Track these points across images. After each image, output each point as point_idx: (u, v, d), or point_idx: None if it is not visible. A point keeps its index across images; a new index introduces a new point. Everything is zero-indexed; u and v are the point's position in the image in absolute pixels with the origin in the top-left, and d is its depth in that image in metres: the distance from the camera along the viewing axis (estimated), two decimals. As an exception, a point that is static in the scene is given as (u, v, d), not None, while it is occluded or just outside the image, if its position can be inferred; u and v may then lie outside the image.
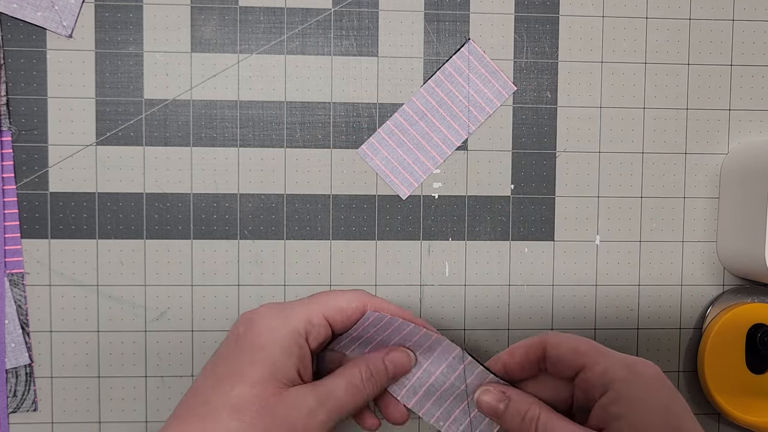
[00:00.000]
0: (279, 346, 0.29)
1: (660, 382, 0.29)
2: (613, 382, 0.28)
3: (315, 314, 0.31)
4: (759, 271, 0.40)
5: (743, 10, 0.44)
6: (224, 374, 0.29)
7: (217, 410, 0.28)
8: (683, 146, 0.44)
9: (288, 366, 0.29)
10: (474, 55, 0.43)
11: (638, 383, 0.28)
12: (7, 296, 0.41)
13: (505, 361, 0.33)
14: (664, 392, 0.29)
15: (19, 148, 0.41)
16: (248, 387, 0.28)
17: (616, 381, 0.28)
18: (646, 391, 0.28)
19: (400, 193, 0.43)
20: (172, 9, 0.41)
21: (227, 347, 0.30)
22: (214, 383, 0.29)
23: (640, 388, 0.28)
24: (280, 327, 0.30)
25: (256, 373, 0.28)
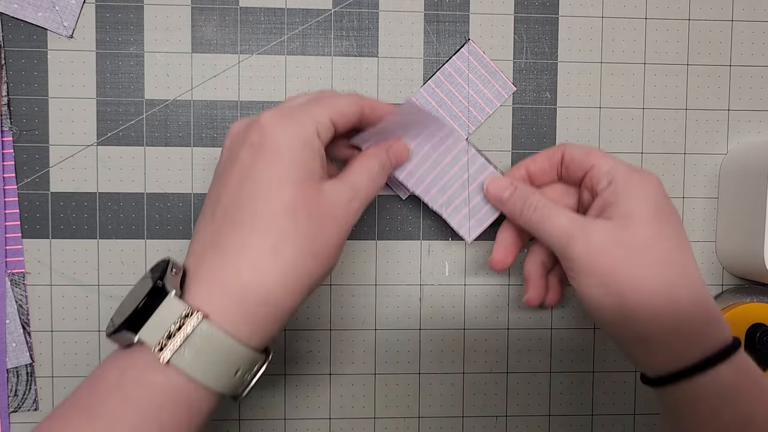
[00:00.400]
0: (305, 148, 0.30)
1: (658, 186, 0.33)
2: (616, 177, 0.33)
3: (322, 117, 0.31)
4: (758, 271, 0.40)
5: (742, 10, 0.44)
6: (263, 182, 0.29)
7: (268, 216, 0.28)
8: (682, 146, 0.44)
9: (317, 165, 0.30)
10: (474, 55, 0.43)
11: (638, 180, 0.33)
12: (8, 296, 0.41)
13: (528, 166, 0.38)
14: (658, 194, 0.33)
15: (20, 149, 0.41)
16: (294, 189, 0.29)
17: (618, 175, 0.33)
18: (643, 186, 0.33)
19: (400, 193, 0.43)
20: (172, 9, 0.41)
21: (250, 157, 0.29)
22: (252, 192, 0.29)
23: (639, 183, 0.33)
24: (298, 131, 0.30)
25: (296, 174, 0.29)
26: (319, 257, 0.29)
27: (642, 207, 0.32)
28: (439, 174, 0.39)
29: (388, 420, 0.43)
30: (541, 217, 0.34)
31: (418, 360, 0.43)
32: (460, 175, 0.39)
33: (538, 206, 0.34)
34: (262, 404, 0.43)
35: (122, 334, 0.27)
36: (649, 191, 0.32)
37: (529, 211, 0.35)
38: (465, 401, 0.44)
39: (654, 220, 0.32)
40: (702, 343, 0.31)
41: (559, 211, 0.34)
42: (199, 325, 0.27)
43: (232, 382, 0.28)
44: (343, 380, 0.43)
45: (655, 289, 0.31)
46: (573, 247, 0.32)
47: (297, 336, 0.43)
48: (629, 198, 0.32)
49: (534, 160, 0.38)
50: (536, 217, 0.34)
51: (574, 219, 0.33)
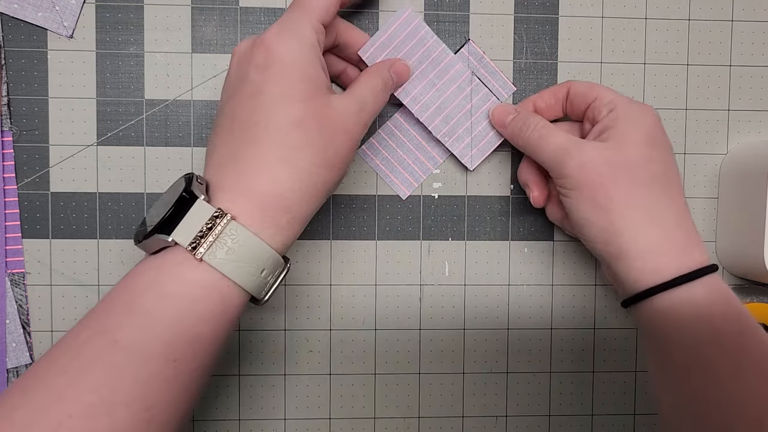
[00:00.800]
0: (309, 62, 0.31)
1: (654, 117, 0.35)
2: (617, 106, 0.35)
3: (315, 23, 0.32)
4: (758, 271, 0.40)
5: (742, 10, 0.44)
6: (274, 97, 0.31)
7: (281, 130, 0.30)
8: (682, 146, 0.44)
9: (323, 77, 0.32)
10: (474, 55, 0.43)
11: (636, 109, 0.35)
12: (8, 296, 0.41)
13: (534, 101, 0.40)
14: (654, 123, 0.35)
15: (20, 149, 0.41)
16: (303, 103, 0.31)
17: (619, 105, 0.35)
18: (640, 115, 0.35)
19: (400, 193, 0.43)
20: (172, 9, 0.41)
21: (259, 76, 0.31)
22: (265, 108, 0.31)
23: (637, 111, 0.35)
24: (299, 46, 0.31)
25: (305, 89, 0.31)
26: (331, 167, 0.32)
27: (636, 132, 0.34)
28: (444, 102, 0.41)
29: (388, 420, 0.43)
30: (539, 136, 0.36)
31: (418, 360, 0.43)
32: (463, 105, 0.41)
33: (536, 127, 0.37)
34: (262, 404, 0.43)
35: (155, 238, 0.30)
36: (646, 120, 0.35)
37: (528, 131, 0.37)
38: (465, 401, 0.44)
39: (645, 144, 0.34)
40: (680, 262, 0.33)
41: (557, 131, 0.36)
42: (228, 225, 0.29)
43: (258, 282, 0.31)
44: (343, 380, 0.43)
45: (639, 207, 0.33)
46: (567, 162, 0.34)
47: (297, 336, 0.43)
48: (626, 123, 0.34)
49: (541, 96, 0.40)
50: (534, 136, 0.36)
51: (570, 138, 0.35)
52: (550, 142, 0.36)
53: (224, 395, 0.43)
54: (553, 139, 0.36)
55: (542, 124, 0.37)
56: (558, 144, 0.35)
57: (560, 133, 0.36)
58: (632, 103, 0.36)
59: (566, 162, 0.34)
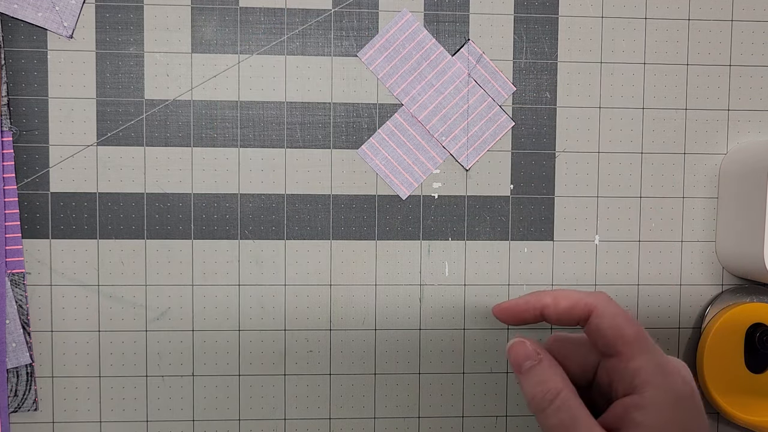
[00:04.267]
0: None
1: (689, 400, 0.27)
2: (644, 386, 0.27)
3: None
4: (758, 271, 0.40)
5: (742, 10, 0.44)
6: None
7: None
8: (682, 146, 0.44)
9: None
10: (473, 55, 0.43)
11: (668, 396, 0.27)
12: (8, 296, 0.41)
13: (546, 305, 0.31)
14: (689, 410, 0.27)
15: (20, 149, 0.41)
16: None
17: (647, 386, 0.27)
18: (673, 405, 0.27)
19: (400, 193, 0.43)
20: (172, 9, 0.41)
21: None
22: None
23: (669, 401, 0.27)
24: None
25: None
26: None
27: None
28: (441, 103, 0.42)
29: (388, 420, 0.43)
30: (560, 423, 0.28)
31: (418, 360, 0.43)
32: (460, 105, 0.42)
33: (561, 407, 0.28)
34: (262, 404, 0.43)
35: None
36: (681, 414, 0.27)
37: (545, 404, 0.28)
38: (465, 401, 0.44)
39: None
40: None
41: (581, 423, 0.27)
42: None
43: None
44: (343, 380, 0.43)
45: None
46: None
47: (297, 336, 0.43)
48: (654, 423, 0.26)
49: (556, 303, 0.30)
50: (555, 420, 0.28)
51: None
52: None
53: (224, 395, 0.43)
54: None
55: (563, 397, 0.28)
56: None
57: (582, 418, 0.27)
58: (664, 389, 0.27)
59: None
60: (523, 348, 0.31)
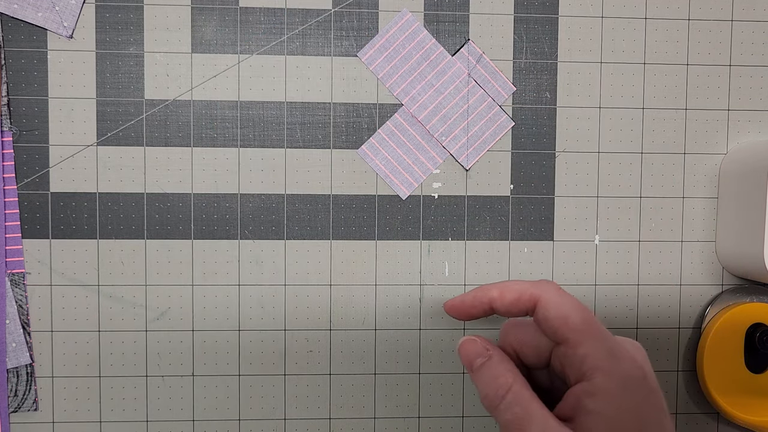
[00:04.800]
0: None
1: (640, 382, 0.27)
2: (593, 373, 0.26)
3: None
4: (758, 271, 0.40)
5: (742, 10, 0.44)
6: None
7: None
8: (682, 146, 0.44)
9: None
10: (473, 55, 0.43)
11: (617, 380, 0.26)
12: (8, 296, 0.41)
13: (493, 298, 0.30)
14: (641, 393, 0.27)
15: (20, 149, 0.41)
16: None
17: (595, 372, 0.26)
18: (623, 390, 0.26)
19: (400, 193, 0.43)
20: (172, 9, 0.41)
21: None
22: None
23: (618, 386, 0.26)
24: None
25: None
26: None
27: (620, 419, 0.26)
28: (441, 103, 0.42)
29: (388, 420, 0.43)
30: (514, 417, 0.27)
31: (418, 360, 0.43)
32: (460, 105, 0.42)
33: (513, 401, 0.27)
34: (262, 404, 0.43)
35: None
36: (632, 395, 0.26)
37: (497, 400, 0.28)
38: (465, 401, 0.44)
39: (632, 429, 0.26)
40: None
41: (534, 416, 0.27)
42: None
43: None
44: (343, 380, 0.43)
45: None
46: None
47: (297, 336, 0.43)
48: (606, 409, 0.26)
49: (502, 295, 0.30)
50: (508, 416, 0.27)
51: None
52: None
53: (224, 395, 0.43)
54: (530, 431, 0.27)
55: (514, 391, 0.28)
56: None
57: (538, 421, 0.27)
58: (613, 373, 0.26)
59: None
60: (473, 345, 0.31)
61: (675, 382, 0.45)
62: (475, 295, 0.31)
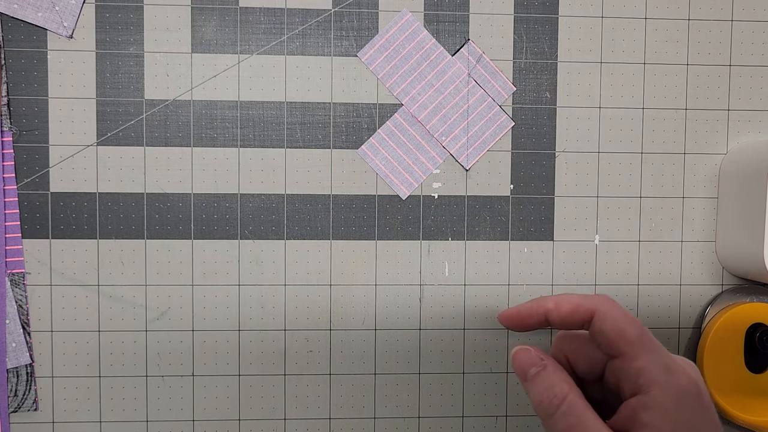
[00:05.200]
0: None
1: (696, 398, 0.27)
2: (649, 386, 0.27)
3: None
4: (758, 271, 0.40)
5: (742, 10, 0.44)
6: None
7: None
8: (682, 146, 0.44)
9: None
10: (473, 55, 0.43)
11: (673, 394, 0.27)
12: (8, 296, 0.41)
13: (549, 310, 0.31)
14: (696, 409, 0.27)
15: (20, 149, 0.41)
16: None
17: (652, 385, 0.27)
18: (679, 404, 0.27)
19: (400, 193, 0.43)
20: (172, 9, 0.41)
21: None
22: None
23: (674, 400, 0.27)
24: None
25: None
26: None
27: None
28: (441, 103, 0.42)
29: (388, 420, 0.43)
30: (568, 427, 0.28)
31: (418, 360, 0.43)
32: (460, 105, 0.42)
33: (568, 411, 0.28)
34: (262, 404, 0.43)
35: None
36: (687, 411, 0.27)
37: (552, 409, 0.28)
38: (465, 401, 0.44)
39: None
40: None
41: (590, 427, 0.27)
42: None
43: None
44: (343, 380, 0.43)
45: None
46: None
47: (297, 336, 0.43)
48: (662, 423, 0.26)
49: (558, 307, 0.30)
50: (563, 425, 0.28)
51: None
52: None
53: (224, 395, 0.43)
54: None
55: (570, 401, 0.28)
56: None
57: (589, 422, 0.27)
58: (670, 388, 0.27)
59: None
60: (527, 355, 0.31)
61: (675, 382, 0.45)
62: (530, 307, 0.31)
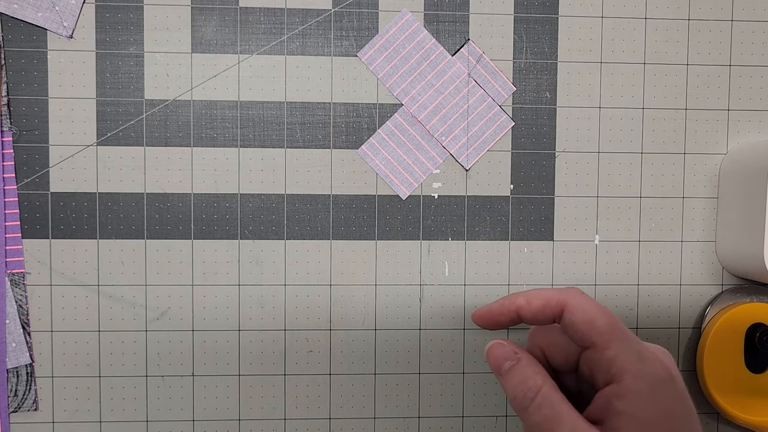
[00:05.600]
0: None
1: (669, 384, 0.27)
2: (622, 374, 0.27)
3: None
4: (758, 271, 0.40)
5: (742, 10, 0.44)
6: None
7: None
8: (682, 146, 0.44)
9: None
10: (473, 55, 0.43)
11: (646, 381, 0.27)
12: (8, 296, 0.41)
13: (520, 306, 0.31)
14: (670, 395, 0.27)
15: (20, 149, 0.41)
16: None
17: (624, 373, 0.27)
18: (653, 391, 0.27)
19: (400, 193, 0.43)
20: (172, 9, 0.41)
21: None
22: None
23: (647, 387, 0.27)
24: None
25: None
26: None
27: (651, 421, 0.26)
28: (441, 103, 0.42)
29: (388, 420, 0.43)
30: (543, 419, 0.28)
31: (418, 360, 0.43)
32: (460, 105, 0.42)
33: (542, 403, 0.28)
34: (262, 404, 0.43)
35: None
36: (663, 397, 0.27)
37: (527, 402, 0.28)
38: (465, 401, 0.44)
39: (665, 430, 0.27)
40: None
41: (564, 418, 0.27)
42: None
43: None
44: (343, 380, 0.43)
45: None
46: None
47: (297, 336, 0.43)
48: (637, 410, 0.26)
49: (529, 303, 0.30)
50: (538, 417, 0.28)
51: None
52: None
53: (224, 395, 0.43)
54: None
55: (544, 393, 0.28)
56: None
57: (568, 422, 0.27)
58: (643, 375, 0.27)
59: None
60: (502, 349, 0.31)
61: (675, 382, 0.45)
62: (502, 304, 0.31)
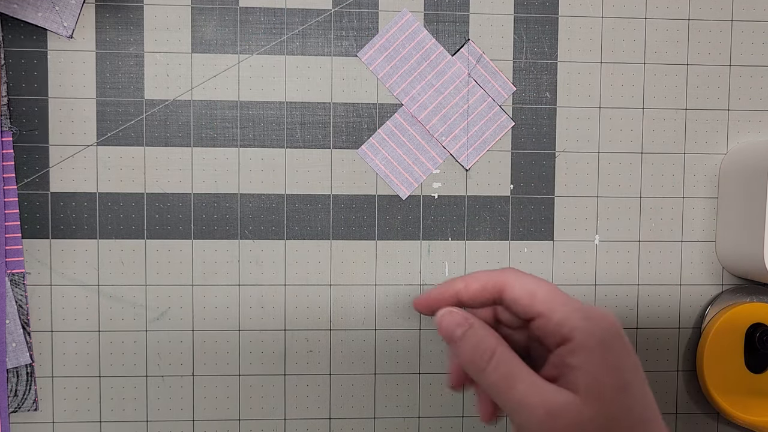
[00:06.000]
0: None
1: (617, 338, 0.28)
2: (571, 333, 0.28)
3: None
4: (758, 271, 0.40)
5: (742, 10, 0.44)
6: None
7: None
8: (682, 146, 0.44)
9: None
10: (473, 55, 0.43)
11: (596, 335, 0.28)
12: (8, 296, 0.41)
13: (459, 290, 0.31)
14: (618, 348, 0.28)
15: (20, 149, 0.41)
16: None
17: (574, 332, 0.28)
18: (603, 344, 0.28)
19: (400, 193, 0.43)
20: (172, 9, 0.41)
21: None
22: None
23: (598, 340, 0.28)
24: None
25: None
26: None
27: (602, 374, 0.27)
28: (441, 103, 0.42)
29: (388, 420, 0.43)
30: (501, 377, 0.28)
31: (418, 360, 0.43)
32: (460, 105, 0.42)
33: (499, 362, 0.28)
34: (262, 404, 0.43)
35: None
36: (611, 352, 0.28)
37: (484, 363, 0.29)
38: (465, 401, 0.44)
39: (621, 390, 0.27)
40: None
41: (522, 373, 0.28)
42: None
43: None
44: (343, 380, 0.43)
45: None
46: (533, 425, 0.27)
47: (297, 336, 0.43)
48: (588, 363, 0.27)
49: (467, 287, 0.31)
50: (496, 376, 0.28)
51: (539, 392, 0.27)
52: (513, 397, 0.28)
53: (224, 395, 0.43)
54: (517, 394, 0.28)
55: (499, 354, 0.28)
56: (522, 399, 0.27)
57: (525, 379, 0.28)
58: (592, 331, 0.28)
59: (532, 425, 0.27)
60: (453, 317, 0.31)
61: (675, 382, 0.45)
62: (441, 290, 0.32)
